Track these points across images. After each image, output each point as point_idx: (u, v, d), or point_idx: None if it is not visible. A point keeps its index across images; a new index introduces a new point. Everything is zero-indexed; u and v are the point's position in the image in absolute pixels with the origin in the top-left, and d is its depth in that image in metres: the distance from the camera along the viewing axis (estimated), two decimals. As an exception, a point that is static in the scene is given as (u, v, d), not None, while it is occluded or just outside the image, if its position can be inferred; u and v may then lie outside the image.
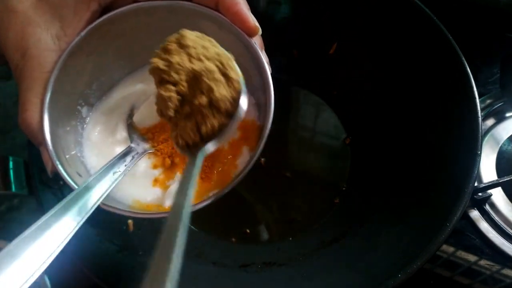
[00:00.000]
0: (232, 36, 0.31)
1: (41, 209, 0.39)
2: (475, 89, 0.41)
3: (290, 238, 0.48)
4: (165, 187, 0.33)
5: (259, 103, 0.35)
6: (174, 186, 0.32)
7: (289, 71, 0.58)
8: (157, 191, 0.33)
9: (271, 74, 0.32)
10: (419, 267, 0.35)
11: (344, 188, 0.51)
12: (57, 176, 0.30)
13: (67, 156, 0.31)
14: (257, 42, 0.32)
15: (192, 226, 0.49)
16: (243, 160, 0.33)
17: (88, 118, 0.35)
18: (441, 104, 0.44)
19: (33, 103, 0.30)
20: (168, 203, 0.32)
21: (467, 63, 0.42)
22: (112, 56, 0.35)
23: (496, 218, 0.49)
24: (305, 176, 0.52)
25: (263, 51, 0.32)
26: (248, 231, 0.49)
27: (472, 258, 0.47)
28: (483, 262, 0.47)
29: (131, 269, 0.40)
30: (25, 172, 0.42)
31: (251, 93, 0.35)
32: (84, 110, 0.35)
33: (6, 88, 0.62)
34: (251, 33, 0.31)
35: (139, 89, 0.36)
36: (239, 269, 0.45)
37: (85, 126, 0.35)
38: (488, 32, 0.62)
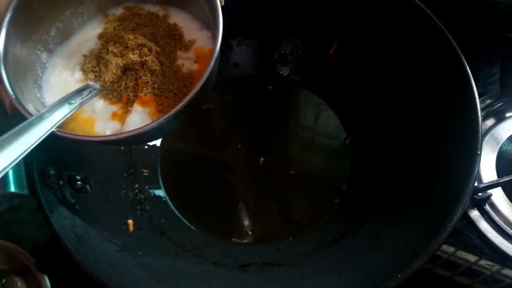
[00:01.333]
0: None
1: (42, 209, 0.39)
2: (475, 89, 0.41)
3: (290, 238, 0.48)
4: (123, 120, 0.35)
5: (211, 36, 0.37)
6: (131, 117, 0.34)
7: (289, 71, 0.58)
8: (115, 124, 0.35)
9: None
10: (419, 267, 0.35)
11: (344, 188, 0.51)
12: (17, 114, 0.31)
13: (25, 96, 0.32)
14: None
15: (192, 226, 0.49)
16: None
17: (48, 63, 0.37)
18: (441, 104, 0.44)
19: None
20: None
21: (467, 63, 0.42)
22: (68, 2, 0.37)
23: (496, 218, 0.49)
24: (305, 176, 0.52)
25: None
26: (248, 231, 0.49)
27: (472, 258, 0.47)
28: (483, 262, 0.47)
29: (131, 269, 0.40)
30: (25, 172, 0.42)
31: (205, 25, 0.38)
32: (43, 56, 0.36)
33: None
34: None
35: (97, 34, 0.39)
36: (239, 269, 0.45)
37: (44, 70, 0.37)
38: (488, 32, 0.62)
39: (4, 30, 0.31)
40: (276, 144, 0.55)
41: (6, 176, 0.46)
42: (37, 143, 0.29)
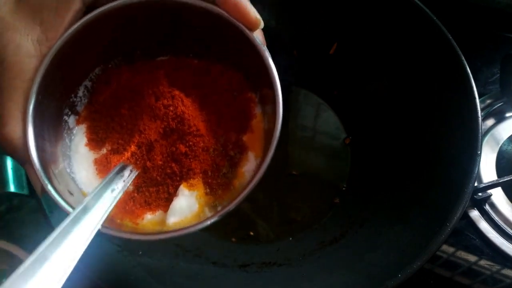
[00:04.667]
0: (231, 31, 0.29)
1: (41, 210, 0.39)
2: (475, 89, 0.41)
3: (290, 238, 0.48)
4: (166, 207, 0.31)
5: (262, 102, 0.33)
6: (177, 202, 0.30)
7: (289, 71, 0.58)
8: (158, 212, 0.31)
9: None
10: (419, 267, 0.35)
11: (344, 188, 0.51)
12: (47, 197, 0.27)
13: (55, 172, 0.28)
14: (258, 36, 0.29)
15: (192, 226, 0.49)
16: (250, 167, 0.31)
17: (76, 129, 0.32)
18: (441, 104, 0.44)
19: (14, 117, 0.27)
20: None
21: (467, 63, 0.42)
22: (98, 59, 0.32)
23: (496, 218, 0.49)
24: (305, 176, 0.52)
25: (265, 46, 0.30)
26: (248, 231, 0.49)
27: (472, 258, 0.47)
28: (483, 262, 0.47)
29: (131, 269, 0.40)
30: (25, 172, 0.42)
31: (253, 90, 0.33)
32: (70, 120, 0.32)
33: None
34: (253, 27, 0.28)
35: None
36: (239, 269, 0.45)
37: (72, 137, 0.32)
38: (488, 32, 0.62)
39: (32, 102, 0.27)
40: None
41: (6, 176, 0.46)
42: (85, 246, 0.25)
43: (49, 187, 0.26)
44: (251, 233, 0.49)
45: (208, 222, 0.27)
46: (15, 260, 0.47)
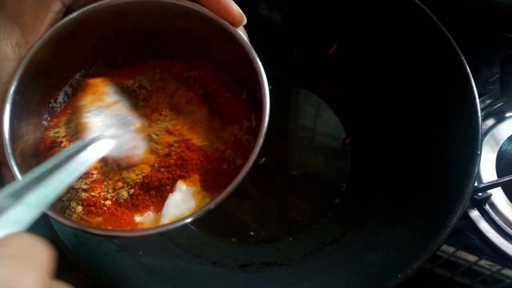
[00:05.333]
0: (213, 28, 0.28)
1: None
2: (475, 89, 0.41)
3: (290, 238, 0.48)
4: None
5: (250, 99, 0.32)
6: (173, 198, 0.30)
7: (289, 71, 0.58)
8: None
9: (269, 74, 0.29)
10: (419, 267, 0.35)
11: (344, 188, 0.51)
12: None
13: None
14: (242, 32, 0.29)
15: (192, 226, 0.49)
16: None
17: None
18: (441, 104, 0.44)
19: None
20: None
21: (467, 63, 0.42)
22: (78, 64, 0.32)
23: (496, 218, 0.49)
24: (305, 176, 0.52)
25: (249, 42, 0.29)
26: (248, 231, 0.49)
27: (472, 258, 0.47)
28: (483, 262, 0.47)
29: (131, 269, 0.40)
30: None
31: (239, 88, 0.32)
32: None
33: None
34: (236, 23, 0.28)
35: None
36: (239, 269, 0.45)
37: None
38: (488, 32, 0.62)
39: (8, 105, 0.26)
40: (276, 144, 0.54)
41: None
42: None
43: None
44: (251, 233, 0.49)
45: (189, 220, 0.26)
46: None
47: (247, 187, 0.52)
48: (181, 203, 0.29)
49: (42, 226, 0.48)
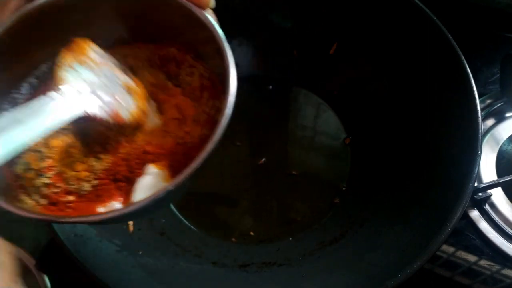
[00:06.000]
0: (179, 11, 0.28)
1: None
2: (475, 89, 0.41)
3: (290, 238, 0.48)
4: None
5: (220, 81, 0.31)
6: (143, 182, 0.28)
7: (289, 71, 0.58)
8: None
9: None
10: (419, 267, 0.35)
11: (344, 188, 0.51)
12: None
13: None
14: (210, 15, 0.28)
15: (192, 226, 0.49)
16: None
17: None
18: (441, 104, 0.44)
19: None
20: None
21: (467, 63, 0.42)
22: (43, 53, 0.30)
23: (496, 218, 0.49)
24: (305, 176, 0.52)
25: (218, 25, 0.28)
26: (248, 231, 0.49)
27: (472, 258, 0.47)
28: (483, 262, 0.47)
29: (131, 269, 0.40)
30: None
31: (209, 71, 0.32)
32: None
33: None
34: (203, 5, 0.27)
35: None
36: (239, 269, 0.45)
37: None
38: (488, 32, 0.62)
39: None
40: (276, 144, 0.54)
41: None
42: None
43: None
44: (251, 233, 0.49)
45: (143, 204, 0.24)
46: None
47: (247, 187, 0.52)
48: (153, 187, 0.27)
49: (42, 226, 0.48)
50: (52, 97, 0.25)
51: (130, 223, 0.46)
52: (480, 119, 0.39)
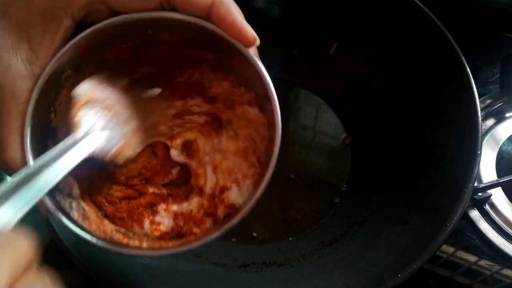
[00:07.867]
0: (226, 47, 0.29)
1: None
2: (475, 89, 0.41)
3: (290, 238, 0.48)
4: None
5: (263, 111, 0.34)
6: None
7: (289, 71, 0.58)
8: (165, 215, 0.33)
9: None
10: (419, 267, 0.35)
11: (344, 188, 0.51)
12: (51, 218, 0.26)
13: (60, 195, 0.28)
14: (253, 51, 0.29)
15: (192, 226, 0.49)
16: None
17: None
18: (441, 104, 0.44)
19: (12, 141, 0.26)
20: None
21: (467, 63, 0.42)
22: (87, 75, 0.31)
23: (496, 218, 0.49)
24: (305, 176, 0.52)
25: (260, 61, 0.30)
26: (248, 231, 0.49)
27: (472, 258, 0.47)
28: (483, 262, 0.47)
29: (131, 269, 0.40)
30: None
31: (250, 104, 0.34)
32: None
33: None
34: (249, 44, 0.28)
35: None
36: (239, 269, 0.45)
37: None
38: (488, 32, 0.62)
39: (29, 125, 0.26)
40: (276, 144, 0.55)
41: (6, 175, 0.46)
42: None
43: (56, 211, 0.26)
44: (253, 234, 0.49)
45: (214, 236, 0.29)
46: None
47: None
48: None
49: (42, 226, 0.48)
50: (69, 144, 0.26)
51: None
52: (480, 119, 0.39)
